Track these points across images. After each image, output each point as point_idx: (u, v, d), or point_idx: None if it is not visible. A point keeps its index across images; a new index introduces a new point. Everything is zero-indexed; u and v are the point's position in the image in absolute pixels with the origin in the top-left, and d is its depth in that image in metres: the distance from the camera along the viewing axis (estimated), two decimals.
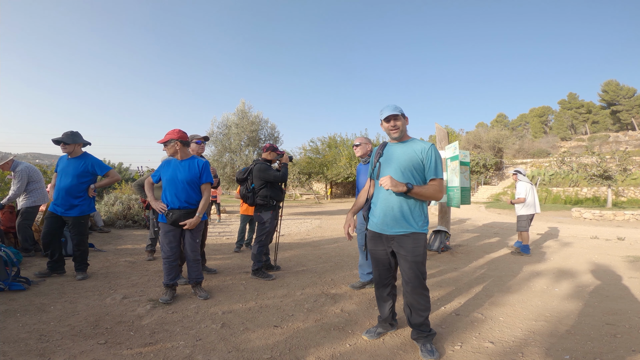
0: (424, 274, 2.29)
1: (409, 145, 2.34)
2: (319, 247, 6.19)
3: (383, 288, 2.51)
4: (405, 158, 2.29)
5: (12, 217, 4.88)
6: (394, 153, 2.36)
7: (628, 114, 45.04)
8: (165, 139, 3.22)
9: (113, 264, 4.57)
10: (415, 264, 2.24)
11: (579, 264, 4.83)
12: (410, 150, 2.31)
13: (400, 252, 2.28)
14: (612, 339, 2.47)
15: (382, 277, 2.48)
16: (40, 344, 2.28)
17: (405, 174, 2.27)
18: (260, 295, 3.41)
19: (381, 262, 2.43)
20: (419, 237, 2.27)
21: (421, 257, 2.26)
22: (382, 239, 2.36)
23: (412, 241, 2.25)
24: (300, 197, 29.20)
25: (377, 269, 2.48)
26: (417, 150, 2.29)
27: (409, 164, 2.27)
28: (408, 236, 2.25)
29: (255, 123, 15.96)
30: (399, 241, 2.27)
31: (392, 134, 2.36)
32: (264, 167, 3.99)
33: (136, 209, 8.40)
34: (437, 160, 2.27)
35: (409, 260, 2.24)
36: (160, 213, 3.20)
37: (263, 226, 4.01)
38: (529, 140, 39.89)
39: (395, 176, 2.28)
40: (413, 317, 2.31)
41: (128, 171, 20.71)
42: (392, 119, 2.32)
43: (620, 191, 17.59)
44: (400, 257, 2.30)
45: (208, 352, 2.25)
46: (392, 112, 2.29)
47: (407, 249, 2.24)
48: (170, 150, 3.25)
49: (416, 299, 2.28)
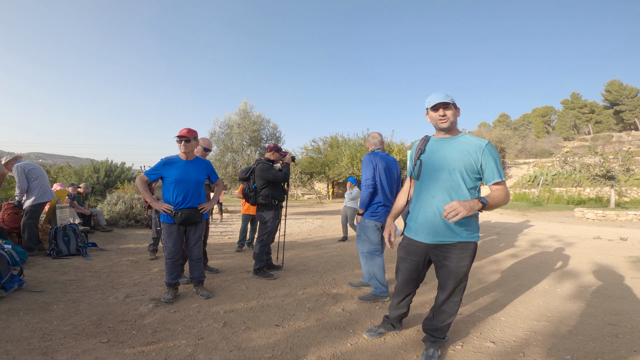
0: (463, 284, 2.08)
1: (459, 142, 2.01)
2: (321, 247, 6.19)
3: (402, 298, 2.36)
4: (455, 157, 1.97)
5: (16, 217, 4.91)
6: (440, 150, 2.04)
7: (631, 113, 44.81)
8: (191, 135, 3.20)
9: (116, 263, 4.59)
10: (458, 275, 2.02)
11: (582, 264, 4.81)
12: (462, 148, 1.98)
13: (443, 262, 2.05)
14: (614, 339, 2.46)
15: (406, 288, 2.29)
16: (43, 343, 2.29)
17: (453, 176, 1.96)
18: (261, 294, 3.42)
19: (409, 273, 2.21)
20: (467, 246, 2.00)
21: (465, 268, 2.02)
22: (419, 248, 2.11)
23: (458, 251, 2.00)
24: (302, 196, 29.20)
25: (403, 279, 2.27)
26: (471, 149, 1.96)
27: (459, 165, 1.95)
28: (454, 246, 2.00)
29: (257, 123, 16.00)
30: (443, 250, 2.03)
31: (440, 124, 2.02)
32: (266, 166, 4.00)
33: (139, 208, 8.43)
34: (497, 160, 1.95)
35: (451, 271, 2.03)
36: (165, 214, 3.14)
37: (265, 226, 4.01)
38: (531, 140, 39.74)
39: (439, 178, 1.99)
40: (433, 322, 2.20)
41: (130, 170, 20.76)
42: (441, 108, 2.00)
43: (623, 191, 17.50)
44: (441, 266, 2.08)
45: (210, 351, 2.26)
46: (443, 100, 1.97)
47: (451, 260, 2.01)
48: (189, 147, 3.20)
49: (444, 309, 2.14)
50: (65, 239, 4.86)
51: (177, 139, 3.18)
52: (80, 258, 4.73)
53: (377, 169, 3.26)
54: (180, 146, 3.18)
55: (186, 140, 3.17)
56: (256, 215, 4.12)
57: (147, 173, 3.20)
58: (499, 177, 1.93)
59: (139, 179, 3.24)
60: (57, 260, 4.55)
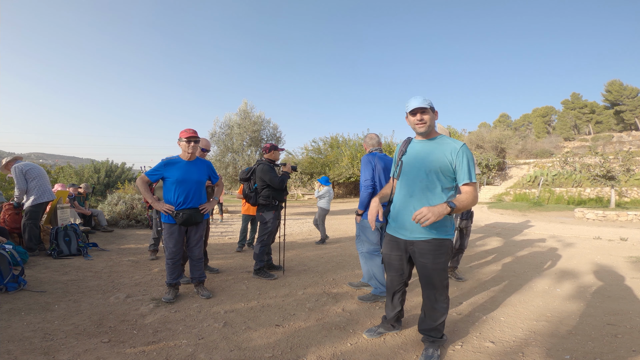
0: (444, 281, 2.16)
1: (436, 144, 2.12)
2: (321, 247, 6.20)
3: (394, 294, 2.43)
4: (432, 158, 2.08)
5: (17, 218, 4.93)
6: (419, 152, 2.15)
7: (632, 114, 44.77)
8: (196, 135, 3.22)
9: (116, 263, 4.60)
10: (435, 272, 2.12)
11: (581, 264, 4.82)
12: (438, 150, 2.09)
13: (421, 259, 2.14)
14: (613, 339, 2.47)
15: (394, 283, 2.39)
16: (45, 343, 2.30)
17: (430, 177, 2.07)
18: (262, 294, 3.43)
19: (394, 268, 2.33)
20: (442, 243, 2.10)
21: (442, 264, 2.11)
22: (399, 244, 2.23)
23: (434, 248, 2.10)
24: (302, 197, 29.22)
25: (390, 275, 2.39)
26: (447, 150, 2.07)
27: (435, 166, 2.06)
28: (429, 242, 2.10)
29: (258, 123, 16.01)
30: (419, 247, 2.13)
31: (418, 128, 2.13)
32: (267, 168, 4.00)
33: (139, 208, 8.44)
34: (469, 162, 2.04)
35: (428, 268, 2.12)
36: (167, 214, 3.14)
37: (265, 226, 4.02)
38: (532, 141, 39.71)
39: (417, 178, 2.11)
40: (426, 322, 2.25)
41: (131, 171, 20.77)
42: (419, 112, 2.09)
43: (623, 192, 17.49)
44: (419, 264, 2.16)
45: (210, 351, 2.27)
46: (420, 105, 2.06)
47: (428, 257, 2.10)
48: (197, 148, 3.24)
49: (433, 306, 2.20)
50: (66, 239, 4.88)
51: (185, 139, 3.17)
52: (81, 258, 4.75)
53: (376, 170, 3.27)
54: (189, 147, 3.18)
55: (196, 141, 3.21)
56: (256, 216, 4.13)
57: (148, 173, 3.19)
58: (468, 179, 2.03)
59: (139, 180, 3.22)
60: (58, 260, 4.56)
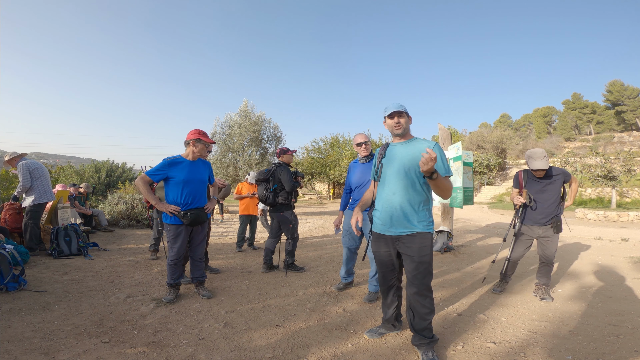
0: (429, 275, 2.25)
1: (412, 145, 2.30)
2: (322, 247, 6.20)
3: (387, 290, 2.48)
4: (409, 158, 2.24)
5: (18, 218, 4.93)
6: (397, 153, 2.32)
7: (632, 114, 44.75)
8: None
9: (117, 263, 4.60)
10: (422, 265, 2.21)
11: (583, 264, 4.81)
12: (414, 149, 2.26)
13: (407, 253, 2.24)
14: (615, 340, 2.46)
15: (387, 279, 2.46)
16: (45, 343, 2.30)
17: (408, 175, 2.23)
18: (262, 294, 3.43)
19: (384, 264, 2.40)
20: (424, 236, 2.23)
21: (428, 257, 2.23)
22: (386, 240, 2.33)
23: (418, 241, 2.22)
24: (302, 197, 29.21)
25: (381, 271, 2.45)
26: (422, 149, 2.21)
27: (412, 164, 2.22)
28: (413, 236, 2.22)
29: (258, 123, 16.02)
30: (405, 242, 2.24)
31: (395, 130, 2.32)
32: (287, 171, 4.16)
33: (140, 208, 8.44)
34: (442, 158, 2.20)
35: (415, 261, 2.21)
36: (172, 215, 3.06)
37: (289, 224, 4.21)
38: (532, 141, 39.75)
39: (398, 177, 2.25)
40: (416, 321, 2.27)
41: (132, 171, 20.78)
42: (396, 116, 2.30)
43: (624, 192, 17.47)
44: (406, 258, 2.26)
45: (211, 351, 2.27)
46: (397, 109, 2.27)
47: (413, 250, 2.21)
48: (202, 149, 3.24)
49: (420, 302, 2.23)
50: (67, 239, 4.88)
51: (194, 139, 3.16)
52: (82, 258, 4.75)
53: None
54: (199, 148, 3.19)
55: (205, 143, 3.23)
56: (276, 216, 4.26)
57: (150, 173, 3.04)
58: (444, 173, 2.19)
59: (140, 179, 3.07)
60: (59, 260, 4.56)
